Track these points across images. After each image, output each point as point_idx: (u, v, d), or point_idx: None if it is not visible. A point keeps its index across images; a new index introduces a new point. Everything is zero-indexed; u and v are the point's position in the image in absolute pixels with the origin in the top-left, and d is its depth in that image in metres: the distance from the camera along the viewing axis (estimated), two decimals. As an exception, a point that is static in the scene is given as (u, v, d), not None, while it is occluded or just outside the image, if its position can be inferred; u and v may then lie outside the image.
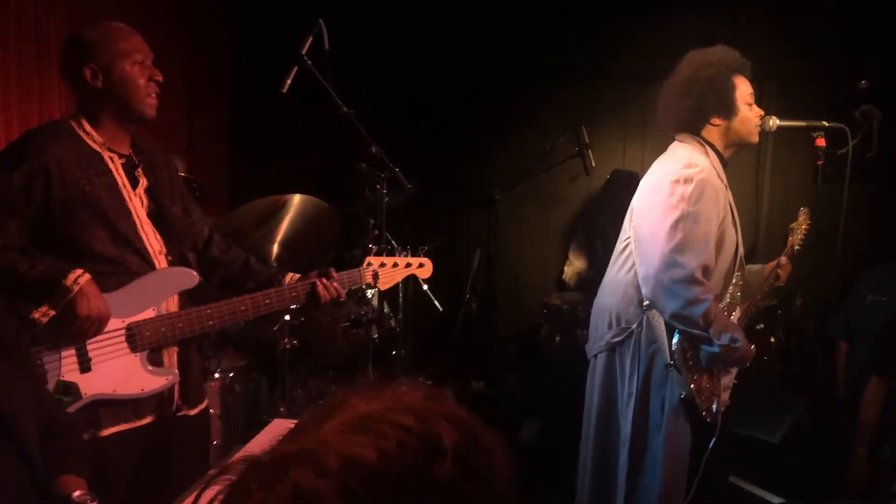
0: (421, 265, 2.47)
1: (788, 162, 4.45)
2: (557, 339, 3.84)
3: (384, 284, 2.43)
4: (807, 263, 4.13)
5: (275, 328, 2.97)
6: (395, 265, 2.42)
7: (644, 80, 4.20)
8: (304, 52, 2.83)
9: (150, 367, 2.01)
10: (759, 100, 4.50)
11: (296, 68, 2.84)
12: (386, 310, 3.38)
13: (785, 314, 3.85)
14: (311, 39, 2.85)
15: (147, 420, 2.04)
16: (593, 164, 4.32)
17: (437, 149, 4.57)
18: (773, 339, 3.71)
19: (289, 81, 2.82)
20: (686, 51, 2.75)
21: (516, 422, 4.12)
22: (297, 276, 2.30)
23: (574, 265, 4.41)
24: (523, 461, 3.93)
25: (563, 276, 4.46)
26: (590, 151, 4.33)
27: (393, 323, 3.38)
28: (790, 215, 2.99)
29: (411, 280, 3.62)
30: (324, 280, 2.24)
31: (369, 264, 2.39)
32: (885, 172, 4.16)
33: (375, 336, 3.33)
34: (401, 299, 3.47)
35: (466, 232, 4.50)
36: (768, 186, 4.46)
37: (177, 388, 2.09)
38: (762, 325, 2.86)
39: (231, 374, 3.02)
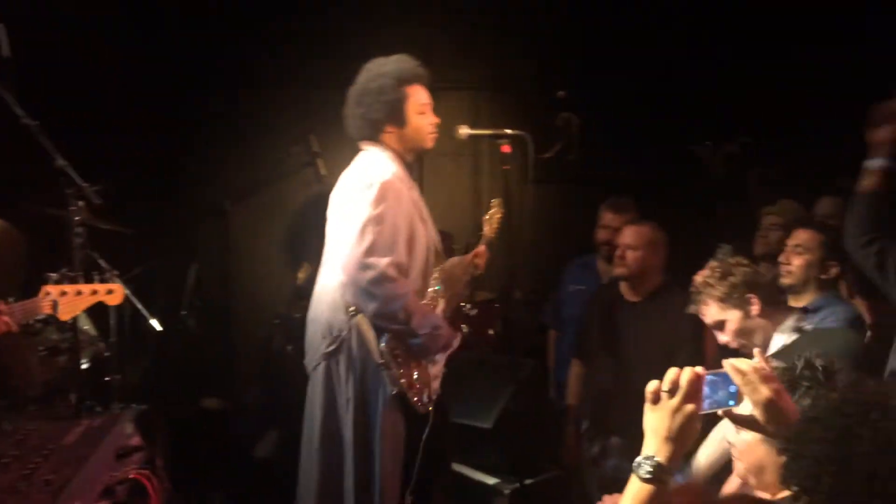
0: (110, 291, 2.35)
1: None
2: (290, 348, 3.82)
3: (65, 314, 2.28)
4: (521, 258, 4.49)
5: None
6: (79, 293, 2.29)
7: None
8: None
9: None
10: (475, 109, 4.86)
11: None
12: (94, 333, 3.17)
13: (503, 307, 4.13)
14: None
15: None
16: (324, 173, 4.34)
17: (161, 161, 4.35)
18: (491, 332, 3.97)
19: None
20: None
21: (254, 437, 4.05)
22: None
23: (306, 269, 4.39)
24: (261, 475, 3.89)
25: (298, 282, 4.44)
26: (320, 160, 4.35)
27: (102, 346, 3.17)
28: (505, 215, 3.19)
29: (126, 300, 3.42)
30: None
31: (47, 294, 2.24)
32: (584, 172, 4.64)
33: (84, 363, 3.11)
34: (112, 321, 3.26)
35: (194, 245, 4.34)
36: (486, 189, 4.77)
37: None
38: (475, 311, 3.05)
39: None
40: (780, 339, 2.49)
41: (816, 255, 2.85)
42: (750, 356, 1.57)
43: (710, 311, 2.51)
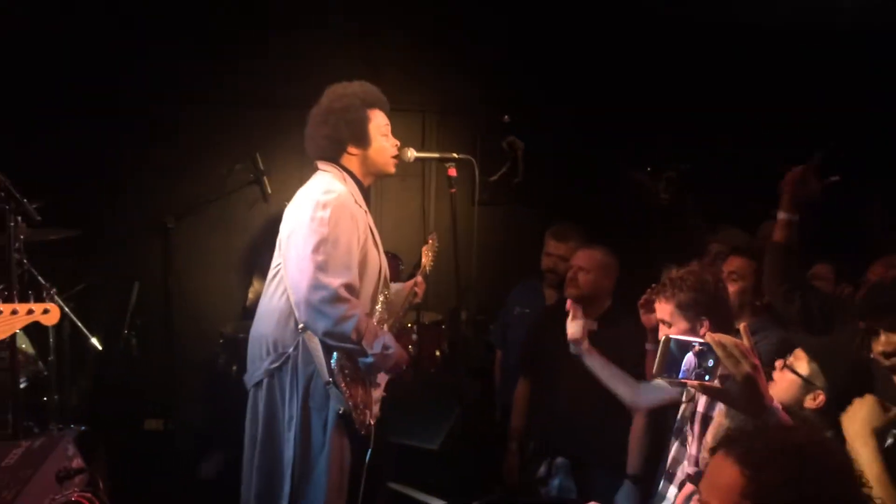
0: (46, 311, 2.28)
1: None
2: (234, 368, 3.78)
3: (-1, 334, 2.21)
4: (467, 280, 4.53)
5: None
6: (15, 312, 2.22)
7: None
8: None
9: None
10: (423, 131, 4.91)
11: None
12: (32, 352, 3.09)
13: (450, 328, 4.16)
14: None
15: None
16: (270, 191, 4.33)
17: (102, 177, 4.26)
18: (438, 353, 3.99)
19: None
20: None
21: (197, 458, 3.98)
22: None
23: (256, 289, 4.36)
24: (205, 497, 3.82)
25: (247, 303, 4.40)
26: (266, 178, 4.33)
27: (41, 366, 3.09)
28: (452, 237, 3.21)
29: (66, 319, 3.34)
30: None
31: (-23, 314, 2.17)
32: (528, 195, 4.73)
33: (21, 383, 3.01)
34: (51, 340, 3.18)
35: (136, 262, 4.26)
36: (433, 211, 4.81)
37: None
38: (415, 337, 3.07)
39: None
40: None
41: (750, 282, 2.97)
42: None
43: (663, 309, 2.53)
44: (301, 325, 2.68)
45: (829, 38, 4.80)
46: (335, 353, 2.68)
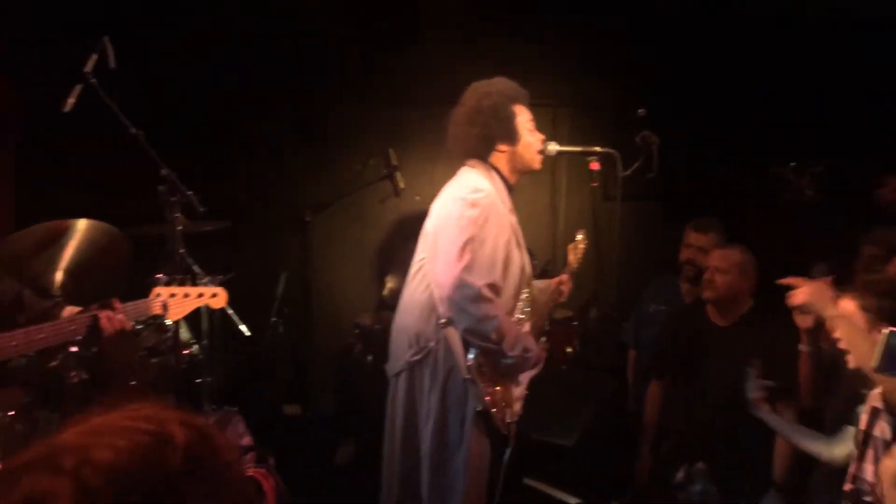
0: (214, 295, 2.42)
1: (581, 183, 4.77)
2: (370, 358, 3.87)
3: (174, 315, 2.36)
4: (598, 277, 4.47)
5: (52, 363, 2.78)
6: (187, 295, 2.36)
7: (451, 105, 4.35)
8: (87, 70, 2.72)
9: None
10: (554, 126, 4.87)
11: (80, 87, 2.72)
12: (188, 336, 3.27)
13: (580, 325, 4.11)
14: (95, 57, 2.74)
15: None
16: (402, 186, 4.41)
17: (248, 171, 4.49)
18: (569, 349, 3.95)
19: (72, 101, 2.70)
20: (486, 78, 2.91)
21: (332, 444, 4.10)
22: (77, 309, 2.18)
23: (391, 282, 4.45)
24: (338, 483, 3.93)
25: (385, 294, 4.50)
26: (398, 173, 4.42)
27: (196, 349, 3.27)
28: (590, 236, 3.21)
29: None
30: (107, 312, 2.14)
31: (158, 295, 2.32)
32: (663, 191, 4.59)
33: (177, 364, 3.20)
34: (204, 325, 3.36)
35: (279, 254, 4.45)
36: (563, 206, 4.77)
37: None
38: (545, 339, 3.05)
39: (11, 413, 2.78)
40: None
41: None
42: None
43: (846, 305, 2.39)
44: (443, 320, 2.71)
45: None
46: (473, 351, 2.69)
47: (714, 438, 3.20)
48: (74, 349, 2.78)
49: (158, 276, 2.43)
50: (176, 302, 2.33)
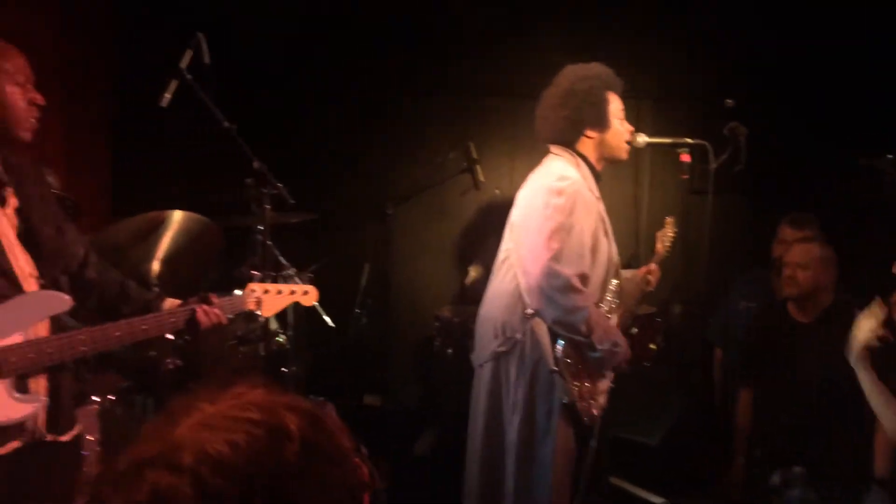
0: (305, 292, 2.46)
1: (664, 175, 4.67)
2: (450, 351, 3.88)
3: (267, 311, 2.42)
4: (682, 271, 4.36)
5: (151, 352, 2.89)
6: (280, 292, 2.41)
7: (532, 97, 4.32)
8: (183, 65, 2.79)
9: (15, 395, 1.92)
10: (637, 117, 4.77)
11: (176, 82, 2.80)
12: (274, 326, 3.34)
13: (664, 321, 4.01)
14: (191, 53, 2.81)
15: (12, 446, 1.95)
16: (482, 179, 4.40)
17: (330, 164, 4.56)
18: (652, 346, 3.87)
19: (168, 95, 2.78)
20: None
21: (412, 435, 4.13)
22: (177, 301, 2.25)
23: (473, 275, 4.44)
24: (419, 473, 3.96)
25: (466, 284, 4.50)
26: (478, 167, 4.41)
27: (282, 339, 3.34)
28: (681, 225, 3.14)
29: (301, 295, 3.58)
30: (204, 307, 2.21)
31: (252, 291, 2.38)
32: (752, 184, 4.45)
33: (264, 353, 3.28)
34: (290, 316, 3.43)
35: (360, 246, 4.50)
36: (647, 199, 4.67)
37: (42, 414, 2.00)
38: (636, 330, 3.00)
39: (112, 398, 2.90)
40: None
41: None
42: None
43: None
44: (529, 311, 2.68)
45: None
46: (560, 343, 2.66)
47: (806, 441, 3.10)
48: (170, 338, 2.89)
49: (254, 272, 2.48)
50: (269, 298, 2.38)
